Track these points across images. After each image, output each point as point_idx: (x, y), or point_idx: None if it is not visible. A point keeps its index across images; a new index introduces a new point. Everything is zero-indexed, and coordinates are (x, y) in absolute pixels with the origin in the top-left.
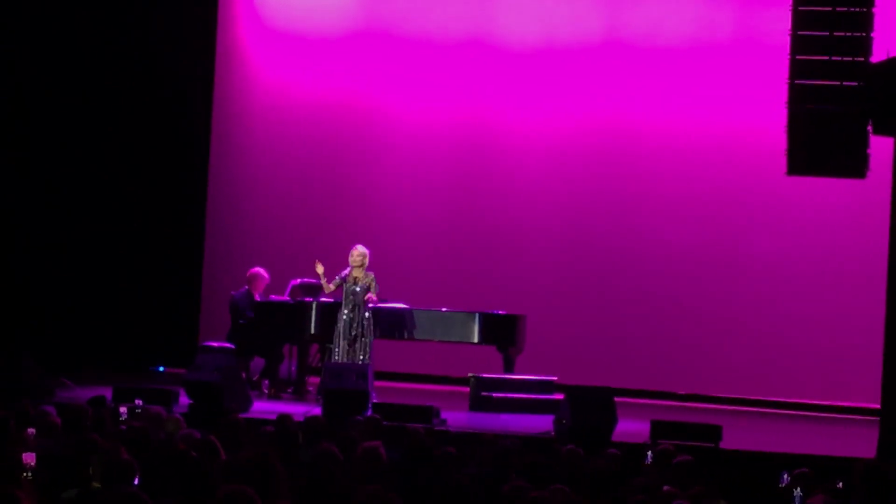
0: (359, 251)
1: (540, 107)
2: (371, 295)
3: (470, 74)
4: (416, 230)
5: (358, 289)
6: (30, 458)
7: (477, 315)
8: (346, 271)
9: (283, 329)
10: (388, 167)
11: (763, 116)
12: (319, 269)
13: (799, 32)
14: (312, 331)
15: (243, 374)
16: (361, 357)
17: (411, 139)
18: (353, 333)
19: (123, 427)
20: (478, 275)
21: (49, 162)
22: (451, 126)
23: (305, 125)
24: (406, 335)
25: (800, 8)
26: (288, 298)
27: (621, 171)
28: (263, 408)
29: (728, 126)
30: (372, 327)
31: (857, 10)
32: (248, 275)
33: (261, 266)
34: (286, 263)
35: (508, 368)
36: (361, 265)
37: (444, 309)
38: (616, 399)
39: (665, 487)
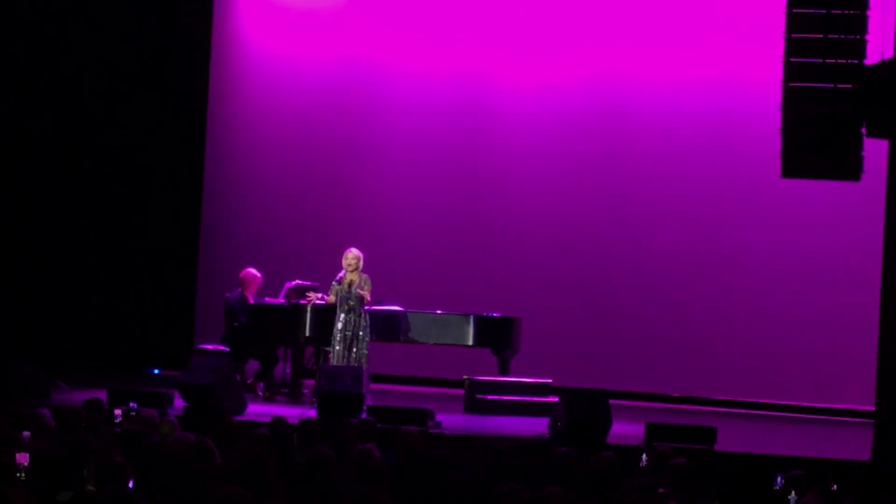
0: (353, 254)
1: (536, 105)
2: (362, 292)
3: (465, 61)
4: (411, 232)
5: (353, 293)
6: (23, 459)
7: (472, 317)
8: (340, 275)
9: (277, 331)
10: (384, 169)
11: (757, 117)
12: (331, 298)
13: (793, 35)
14: (307, 333)
15: (238, 377)
16: (358, 361)
17: (405, 140)
18: (349, 337)
19: (118, 429)
20: (473, 277)
21: (41, 162)
22: (447, 126)
23: (300, 126)
24: (401, 337)
25: (794, 10)
26: (283, 301)
27: (615, 174)
28: (258, 410)
29: (722, 128)
30: (368, 330)
31: (852, 12)
32: (240, 276)
33: (255, 267)
34: (282, 265)
35: (503, 371)
36: (356, 269)
37: (438, 311)
38: (611, 401)
39: (660, 489)
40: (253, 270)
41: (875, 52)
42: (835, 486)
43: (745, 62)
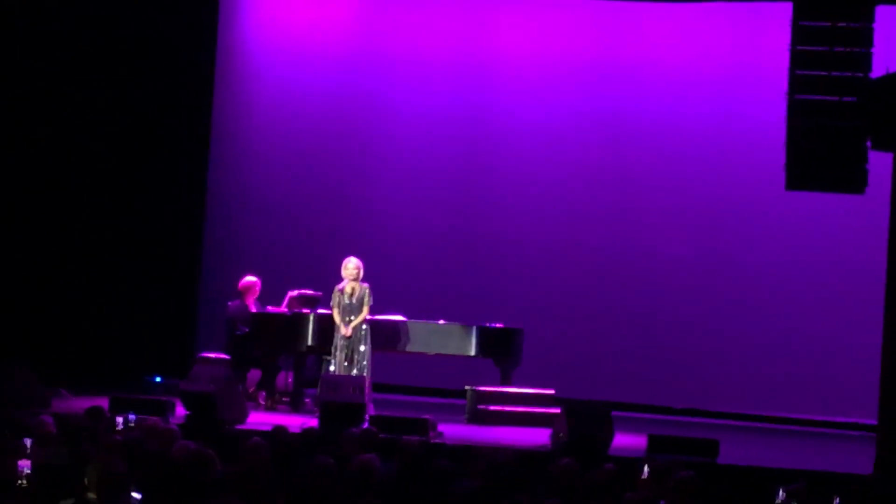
0: (353, 264)
1: (538, 115)
2: (361, 317)
3: (467, 71)
4: (414, 242)
5: (354, 302)
6: (25, 466)
7: (474, 328)
8: (342, 285)
9: (280, 340)
10: (387, 179)
11: (762, 130)
12: (347, 331)
13: (798, 47)
14: (310, 342)
15: (240, 386)
16: (358, 370)
17: (408, 150)
18: (350, 347)
19: (119, 437)
20: (476, 288)
21: (42, 171)
22: (451, 138)
23: (303, 135)
24: (403, 347)
25: (800, 23)
26: (285, 310)
27: (618, 186)
28: (259, 419)
29: (726, 140)
30: (369, 339)
31: (857, 25)
32: (239, 287)
33: (253, 274)
34: (284, 274)
35: (505, 381)
36: (356, 278)
37: (441, 321)
38: (613, 413)
39: (661, 502)
40: (250, 278)
41: (880, 65)
42: (837, 500)
43: (749, 74)
